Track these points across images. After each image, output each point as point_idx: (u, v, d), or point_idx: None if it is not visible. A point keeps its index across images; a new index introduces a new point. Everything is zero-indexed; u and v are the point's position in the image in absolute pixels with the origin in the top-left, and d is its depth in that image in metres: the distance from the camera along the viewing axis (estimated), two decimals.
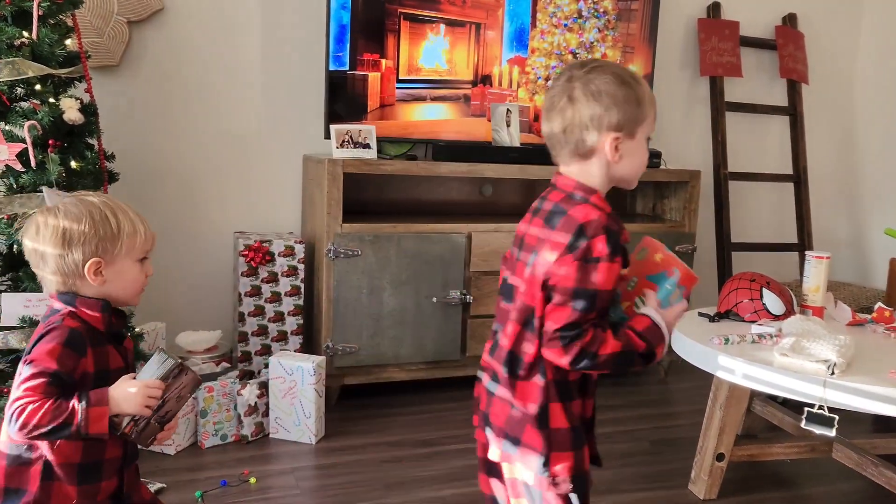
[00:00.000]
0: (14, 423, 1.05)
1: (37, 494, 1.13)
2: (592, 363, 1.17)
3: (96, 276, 1.17)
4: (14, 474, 1.13)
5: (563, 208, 1.22)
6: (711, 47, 3.60)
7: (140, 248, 1.22)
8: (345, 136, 2.77)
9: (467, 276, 2.85)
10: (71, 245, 1.15)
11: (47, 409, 1.05)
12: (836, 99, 4.05)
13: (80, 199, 1.21)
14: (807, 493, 2.23)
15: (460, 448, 2.44)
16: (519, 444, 1.24)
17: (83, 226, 1.16)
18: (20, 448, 1.13)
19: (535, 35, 3.14)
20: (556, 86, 1.25)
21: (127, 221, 1.20)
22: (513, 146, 3.01)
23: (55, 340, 1.11)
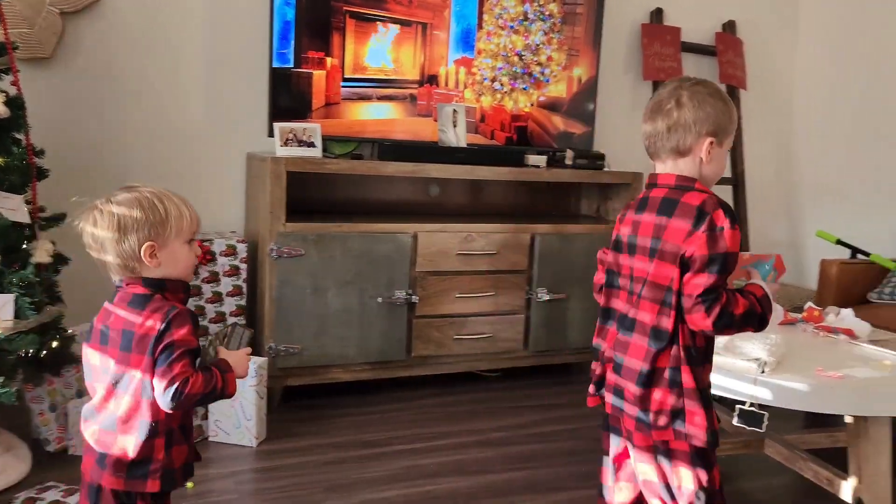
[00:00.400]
0: (178, 395, 1.20)
1: (163, 460, 1.28)
2: (730, 322, 1.35)
3: (152, 258, 1.28)
4: (144, 447, 1.26)
5: (674, 198, 1.41)
6: (654, 52, 3.68)
7: (188, 230, 1.32)
8: (289, 134, 2.74)
9: (413, 275, 2.85)
10: (126, 231, 1.26)
11: (201, 380, 1.23)
12: (773, 105, 4.18)
13: (128, 188, 1.31)
14: (740, 488, 2.29)
15: (405, 448, 2.44)
16: (655, 408, 1.41)
17: (135, 213, 1.26)
18: (151, 424, 1.26)
19: (482, 36, 3.16)
20: (663, 92, 1.46)
21: (173, 206, 1.30)
22: (459, 147, 3.02)
23: (186, 322, 1.25)
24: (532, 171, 3.09)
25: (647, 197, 1.48)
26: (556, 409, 2.88)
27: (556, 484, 2.25)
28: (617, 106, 3.74)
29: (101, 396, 1.29)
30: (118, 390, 1.27)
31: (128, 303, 1.28)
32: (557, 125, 3.38)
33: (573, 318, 3.14)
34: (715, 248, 1.34)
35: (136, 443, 1.26)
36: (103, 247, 1.27)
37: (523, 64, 3.26)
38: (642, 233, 1.45)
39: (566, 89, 3.37)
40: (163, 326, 1.23)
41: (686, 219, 1.37)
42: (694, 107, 1.41)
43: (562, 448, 2.52)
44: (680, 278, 1.36)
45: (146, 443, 1.26)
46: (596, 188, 3.50)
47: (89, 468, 1.30)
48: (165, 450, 1.28)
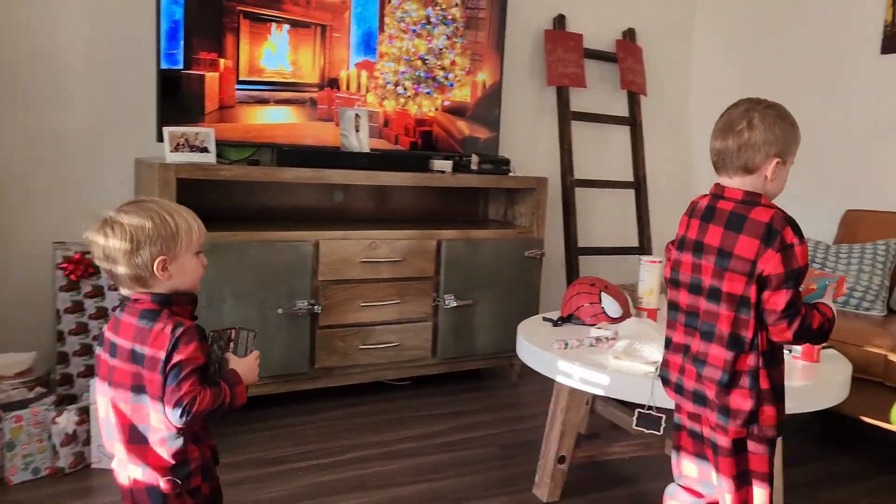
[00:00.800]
0: (186, 414, 1.25)
1: (199, 459, 1.35)
2: (807, 334, 1.47)
3: (164, 272, 1.30)
4: (178, 453, 1.31)
5: (742, 213, 1.49)
6: (557, 58, 3.71)
7: (196, 242, 1.35)
8: (180, 139, 2.60)
9: (315, 285, 2.76)
10: (139, 245, 1.28)
11: (209, 396, 1.27)
12: (671, 110, 4.30)
13: (138, 202, 1.34)
14: (642, 490, 2.32)
15: (307, 465, 2.34)
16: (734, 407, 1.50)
17: (147, 227, 1.29)
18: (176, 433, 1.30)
19: (384, 40, 3.10)
20: (734, 112, 1.58)
21: (182, 220, 1.33)
22: (362, 152, 2.95)
23: (193, 339, 1.27)
24: (437, 177, 3.05)
25: (714, 207, 1.56)
26: (465, 417, 2.85)
27: (463, 494, 2.21)
28: (522, 111, 3.76)
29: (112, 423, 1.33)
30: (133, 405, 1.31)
31: (137, 318, 1.31)
32: (462, 130, 3.36)
33: (481, 323, 3.12)
34: (790, 265, 1.44)
35: (170, 452, 1.31)
36: (115, 260, 1.30)
37: (427, 68, 3.22)
38: (709, 241, 1.54)
39: (470, 94, 3.35)
40: (170, 346, 1.26)
41: (755, 235, 1.46)
42: (765, 129, 1.52)
43: (470, 456, 2.48)
44: (757, 293, 1.46)
45: (178, 449, 1.32)
46: (502, 193, 3.50)
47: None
48: (198, 447, 1.35)
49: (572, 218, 3.72)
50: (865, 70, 3.37)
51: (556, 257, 3.80)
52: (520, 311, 3.14)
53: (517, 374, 3.33)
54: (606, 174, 4.03)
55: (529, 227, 3.27)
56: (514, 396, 3.15)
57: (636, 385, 1.85)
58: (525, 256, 3.19)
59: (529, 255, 3.20)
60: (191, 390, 1.25)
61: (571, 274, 3.71)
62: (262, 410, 2.77)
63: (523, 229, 3.27)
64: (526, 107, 3.77)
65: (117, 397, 1.31)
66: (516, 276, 3.17)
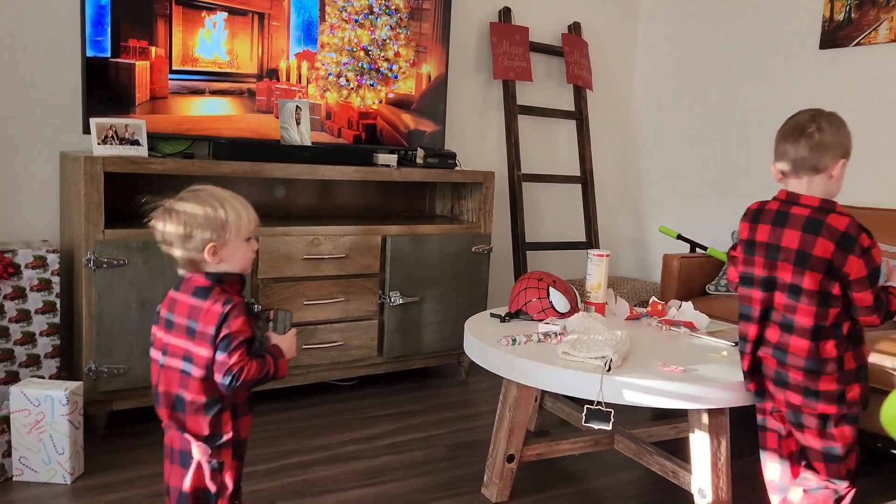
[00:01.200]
0: (235, 381, 1.36)
1: (232, 433, 1.44)
2: (889, 316, 1.67)
3: (214, 256, 1.42)
4: (213, 423, 1.41)
5: (819, 218, 1.64)
6: (503, 51, 3.67)
7: (245, 230, 1.46)
8: (108, 130, 2.46)
9: (254, 283, 2.65)
10: (192, 231, 1.40)
11: (255, 366, 1.39)
12: (616, 105, 4.31)
13: (194, 191, 1.46)
14: (591, 486, 2.29)
15: (246, 472, 2.22)
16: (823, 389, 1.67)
17: (199, 216, 1.41)
18: (216, 401, 1.41)
19: (325, 29, 3.00)
20: (801, 118, 1.71)
21: (232, 210, 1.44)
22: (303, 145, 2.85)
23: (241, 314, 1.39)
24: (382, 171, 2.97)
25: (787, 213, 1.69)
26: (411, 417, 2.78)
27: (410, 497, 2.14)
28: (468, 105, 3.70)
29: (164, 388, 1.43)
30: (183, 374, 1.40)
31: (191, 293, 1.42)
32: (408, 123, 3.29)
33: (428, 321, 3.05)
34: (871, 266, 1.62)
35: (206, 422, 1.41)
36: (171, 244, 1.43)
37: (370, 59, 3.14)
38: (787, 244, 1.67)
39: (415, 86, 3.28)
40: (220, 320, 1.37)
41: (831, 238, 1.61)
42: (832, 132, 1.67)
43: (416, 458, 2.41)
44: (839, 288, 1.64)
45: (215, 418, 1.41)
46: (449, 188, 3.44)
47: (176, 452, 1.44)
48: (233, 422, 1.44)
49: (519, 213, 3.68)
50: (805, 65, 3.42)
51: (503, 252, 3.76)
52: (467, 307, 3.09)
53: (465, 371, 3.28)
54: (553, 169, 4.02)
55: (476, 222, 3.22)
56: (462, 395, 3.10)
57: (585, 380, 1.81)
58: (472, 252, 3.14)
59: (477, 250, 3.15)
60: (239, 360, 1.37)
61: (519, 269, 3.68)
62: None
63: (470, 224, 3.21)
64: (472, 100, 3.72)
65: (169, 368, 1.42)
66: (463, 271, 3.12)
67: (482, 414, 2.85)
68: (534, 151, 3.94)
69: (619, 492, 2.26)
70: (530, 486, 2.24)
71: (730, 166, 3.78)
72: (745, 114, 3.69)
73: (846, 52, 3.28)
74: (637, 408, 2.86)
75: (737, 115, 3.73)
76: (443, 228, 3.12)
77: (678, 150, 4.11)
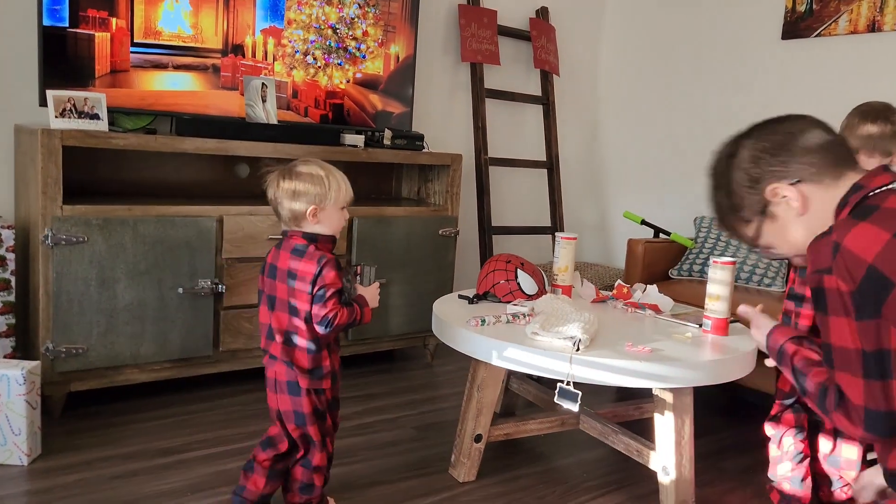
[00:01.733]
0: (329, 326, 1.66)
1: (328, 366, 1.74)
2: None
3: (313, 218, 1.70)
4: (314, 359, 1.72)
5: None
6: (471, 34, 3.65)
7: (342, 200, 1.72)
8: (66, 103, 2.38)
9: (219, 263, 2.60)
10: (298, 196, 1.68)
11: (346, 313, 1.68)
12: (583, 90, 4.33)
13: (305, 162, 1.72)
14: (557, 466, 2.31)
15: (209, 453, 2.21)
16: None
17: (307, 182, 1.68)
18: (316, 342, 1.71)
19: (292, 5, 2.94)
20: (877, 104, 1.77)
21: (334, 181, 1.70)
22: (269, 123, 2.80)
23: (333, 268, 1.67)
24: (349, 151, 2.94)
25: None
26: (377, 399, 2.77)
27: (376, 478, 2.13)
28: (436, 86, 3.68)
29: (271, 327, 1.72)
30: (291, 319, 1.70)
31: (291, 250, 1.70)
32: (375, 104, 3.25)
33: (394, 303, 3.04)
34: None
35: (308, 358, 1.71)
36: (281, 204, 1.70)
37: (338, 38, 3.09)
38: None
39: (383, 67, 3.25)
40: (317, 271, 1.66)
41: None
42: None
43: (384, 439, 2.41)
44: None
45: (314, 355, 1.72)
46: (416, 170, 3.42)
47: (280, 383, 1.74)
48: (329, 357, 1.74)
49: (486, 196, 3.68)
50: (767, 54, 3.48)
51: (469, 236, 3.76)
52: (434, 289, 3.09)
53: (431, 354, 3.28)
54: (520, 153, 4.02)
55: (443, 205, 3.21)
56: (429, 377, 3.10)
57: (555, 360, 1.82)
58: (439, 235, 3.13)
59: (443, 233, 3.14)
60: (333, 308, 1.66)
61: (485, 253, 3.69)
62: (160, 397, 2.60)
63: (437, 207, 3.20)
64: (440, 82, 3.70)
65: (277, 309, 1.71)
66: (430, 254, 3.11)
67: (448, 396, 2.86)
68: (500, 135, 3.94)
69: (585, 470, 2.29)
70: (497, 466, 2.25)
71: (692, 153, 3.83)
72: (708, 101, 3.75)
73: (807, 42, 3.34)
74: (602, 389, 2.90)
75: (700, 103, 3.79)
76: (410, 211, 3.10)
77: (642, 136, 4.15)
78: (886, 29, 3.08)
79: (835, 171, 1.25)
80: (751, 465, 2.40)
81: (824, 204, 1.24)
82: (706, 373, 1.88)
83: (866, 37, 3.16)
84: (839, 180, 1.24)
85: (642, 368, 1.80)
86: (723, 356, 1.94)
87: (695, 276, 3.19)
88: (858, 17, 3.16)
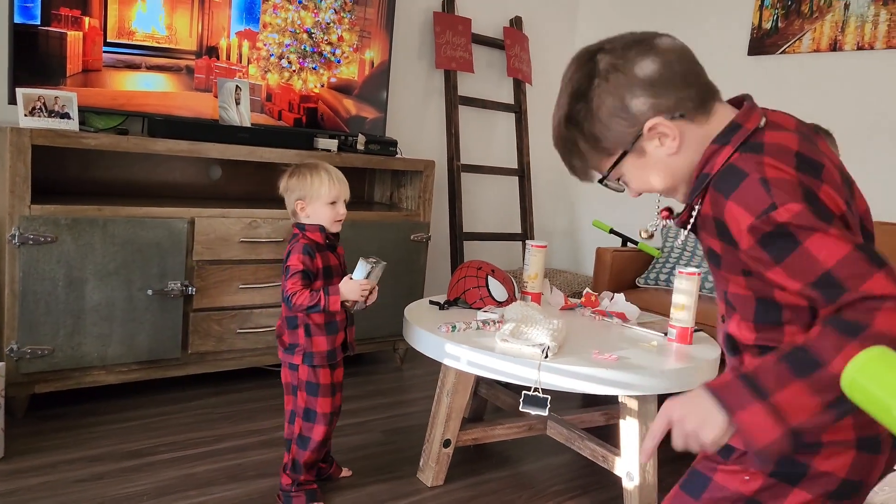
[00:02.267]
0: (289, 303, 1.82)
1: (304, 344, 1.89)
2: None
3: (301, 211, 1.91)
4: (290, 335, 1.90)
5: None
6: (446, 41, 3.68)
7: (326, 196, 1.89)
8: (36, 102, 2.36)
9: (189, 265, 2.59)
10: (290, 191, 1.91)
11: (306, 296, 1.81)
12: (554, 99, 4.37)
13: (305, 162, 1.96)
14: (524, 470, 2.35)
15: (176, 456, 2.20)
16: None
17: (294, 180, 1.90)
18: (292, 319, 1.89)
19: (268, 9, 2.95)
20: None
21: (318, 179, 1.88)
22: (242, 126, 2.80)
23: (298, 251, 1.85)
24: (322, 155, 2.94)
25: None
26: (346, 403, 2.76)
27: (343, 482, 2.15)
28: (410, 92, 3.70)
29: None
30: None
31: (289, 237, 1.93)
32: (349, 109, 3.27)
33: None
34: None
35: (287, 333, 1.91)
36: (283, 195, 1.93)
37: (313, 42, 3.10)
38: None
39: (358, 72, 3.26)
40: (286, 255, 1.87)
41: None
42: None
43: (352, 443, 2.42)
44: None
45: (291, 332, 1.90)
46: (389, 175, 3.43)
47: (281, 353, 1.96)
48: (305, 337, 1.88)
49: (458, 202, 3.72)
50: (734, 69, 3.57)
51: (441, 241, 3.79)
52: (404, 294, 3.10)
53: (400, 358, 3.29)
54: (492, 160, 4.06)
55: (416, 210, 3.23)
56: (397, 381, 3.12)
57: (523, 367, 1.85)
58: (411, 240, 3.15)
59: (415, 238, 3.17)
60: (292, 287, 1.82)
61: (456, 258, 3.72)
62: (128, 399, 2.58)
63: (409, 212, 3.22)
64: (414, 89, 3.73)
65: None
66: (401, 259, 3.13)
67: (417, 400, 2.88)
68: (473, 142, 3.97)
69: (551, 475, 2.33)
70: (465, 471, 2.28)
71: None
72: None
73: (772, 59, 3.44)
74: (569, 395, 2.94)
75: None
76: (382, 215, 3.12)
77: None
78: (847, 48, 3.18)
79: (706, 106, 1.10)
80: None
81: (696, 143, 1.08)
82: (670, 381, 1.92)
83: (828, 55, 3.26)
84: (710, 116, 1.09)
85: (608, 376, 1.84)
86: (686, 364, 1.99)
87: (661, 285, 3.26)
88: (821, 36, 3.26)
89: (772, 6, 3.43)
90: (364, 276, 1.87)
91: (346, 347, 1.99)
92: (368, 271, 1.88)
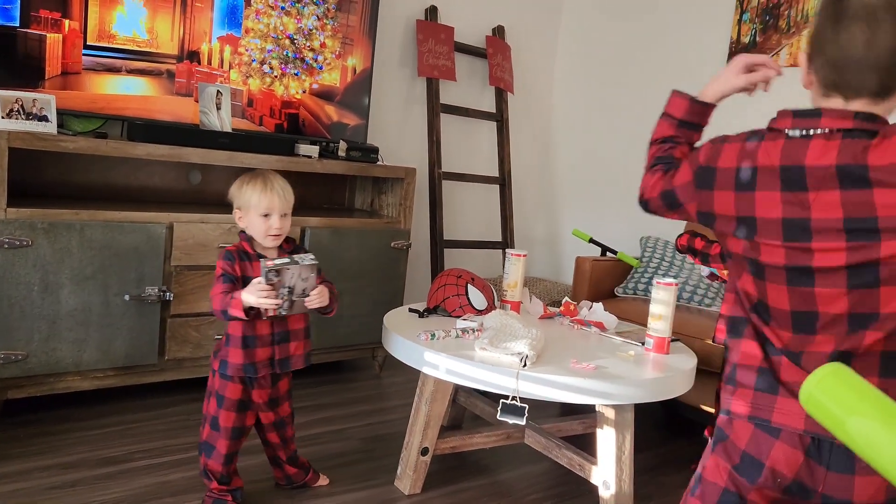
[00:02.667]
0: (212, 306, 1.82)
1: (222, 352, 1.89)
2: None
3: (240, 221, 1.91)
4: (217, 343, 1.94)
5: None
6: (428, 49, 3.70)
7: (256, 208, 1.87)
8: (14, 104, 2.33)
9: (167, 270, 2.57)
10: (232, 199, 1.93)
11: (218, 299, 1.81)
12: (536, 109, 4.42)
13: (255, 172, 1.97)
14: (502, 479, 2.35)
15: (152, 463, 2.18)
16: None
17: (234, 188, 1.93)
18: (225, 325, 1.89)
19: (250, 14, 2.94)
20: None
21: (250, 189, 1.89)
22: (223, 131, 2.79)
23: (220, 258, 1.88)
24: (303, 162, 2.94)
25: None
26: (324, 410, 2.77)
27: (321, 490, 2.14)
28: (391, 100, 3.71)
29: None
30: None
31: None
32: (331, 115, 3.27)
33: (344, 314, 3.04)
34: None
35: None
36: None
37: (295, 48, 3.10)
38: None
39: (340, 79, 3.26)
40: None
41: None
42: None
43: (330, 450, 2.41)
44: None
45: (220, 342, 1.93)
46: (370, 182, 3.44)
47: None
48: (224, 346, 1.89)
49: (438, 210, 3.73)
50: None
51: (421, 249, 3.79)
52: (384, 301, 3.10)
53: (379, 366, 3.29)
54: (473, 168, 4.08)
55: (396, 217, 3.24)
56: (376, 389, 3.11)
57: (502, 375, 1.86)
58: (391, 247, 3.16)
59: (396, 245, 3.17)
60: (212, 289, 1.84)
61: (436, 266, 3.72)
62: (103, 406, 2.55)
63: (390, 220, 3.23)
64: (396, 96, 3.73)
65: None
66: (381, 266, 3.13)
67: (396, 408, 2.88)
68: (454, 150, 3.99)
69: (529, 483, 2.33)
70: (443, 479, 2.28)
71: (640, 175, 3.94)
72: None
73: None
74: (546, 404, 2.95)
75: (649, 127, 3.89)
76: (363, 222, 3.12)
77: (592, 157, 4.25)
78: None
79: None
80: (689, 480, 2.47)
81: None
82: (647, 390, 1.94)
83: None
84: None
85: (586, 385, 1.86)
86: (663, 374, 2.01)
87: (639, 294, 3.28)
88: (798, 51, 3.32)
89: (750, 21, 3.49)
90: (263, 278, 1.74)
91: (277, 364, 1.91)
92: (266, 272, 1.73)
